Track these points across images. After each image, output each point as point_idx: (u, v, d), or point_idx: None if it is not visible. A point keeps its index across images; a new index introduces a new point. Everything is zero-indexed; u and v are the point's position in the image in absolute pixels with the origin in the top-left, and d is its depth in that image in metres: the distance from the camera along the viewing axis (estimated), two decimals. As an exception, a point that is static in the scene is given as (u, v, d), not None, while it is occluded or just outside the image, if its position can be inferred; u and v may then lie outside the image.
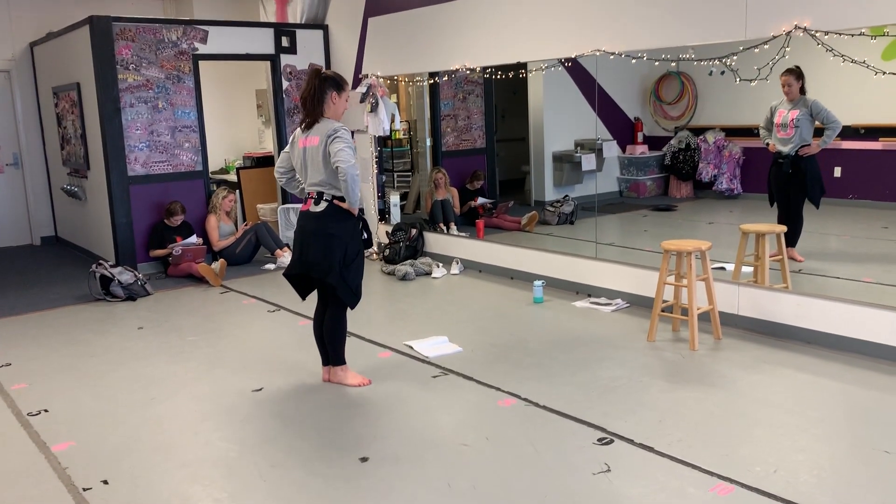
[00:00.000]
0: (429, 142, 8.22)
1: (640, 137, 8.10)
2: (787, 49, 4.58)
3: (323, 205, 4.00)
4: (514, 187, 8.84)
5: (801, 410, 3.67)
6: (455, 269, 6.98)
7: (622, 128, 8.08)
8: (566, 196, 7.91)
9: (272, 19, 9.13)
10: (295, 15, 8.73)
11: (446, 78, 7.64)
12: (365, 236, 4.15)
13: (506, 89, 8.27)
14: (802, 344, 4.61)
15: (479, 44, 6.65)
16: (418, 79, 7.74)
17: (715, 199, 7.41)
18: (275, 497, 3.08)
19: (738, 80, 5.01)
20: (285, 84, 8.33)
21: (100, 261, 6.77)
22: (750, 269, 5.16)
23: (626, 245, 6.64)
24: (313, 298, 4.36)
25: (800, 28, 4.47)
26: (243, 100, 10.39)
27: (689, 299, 4.60)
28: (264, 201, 9.06)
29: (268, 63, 8.32)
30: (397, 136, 8.82)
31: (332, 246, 3.97)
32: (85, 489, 3.21)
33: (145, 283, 6.63)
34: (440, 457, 3.35)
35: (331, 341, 4.21)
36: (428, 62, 7.25)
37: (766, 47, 4.69)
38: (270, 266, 7.51)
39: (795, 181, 5.58)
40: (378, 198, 8.11)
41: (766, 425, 3.53)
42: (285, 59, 8.29)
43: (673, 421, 3.61)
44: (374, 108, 7.42)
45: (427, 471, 3.23)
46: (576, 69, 6.52)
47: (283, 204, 8.49)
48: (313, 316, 4.32)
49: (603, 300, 5.73)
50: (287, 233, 8.12)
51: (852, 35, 4.39)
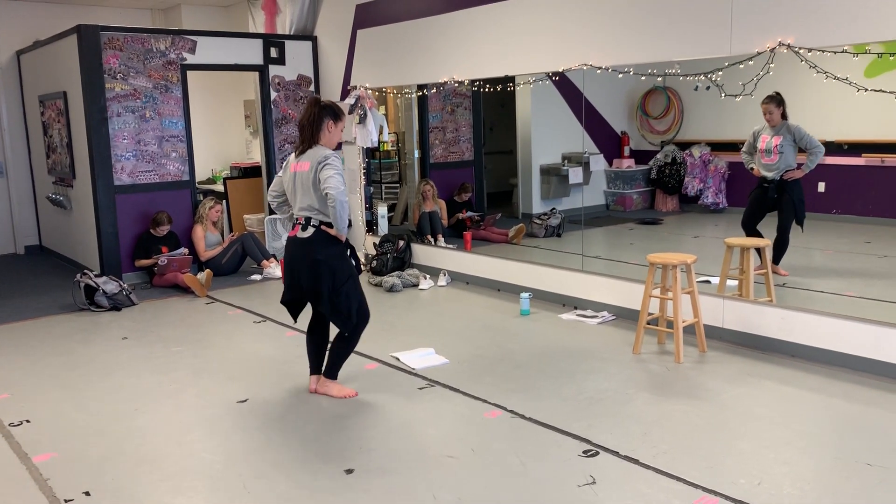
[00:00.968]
0: (417, 154, 8.24)
1: (626, 151, 8.15)
2: (772, 65, 4.64)
3: (310, 230, 4.00)
4: (502, 200, 8.87)
5: (785, 423, 3.70)
6: (442, 280, 6.99)
7: (609, 141, 8.14)
8: (553, 209, 7.95)
9: (261, 30, 9.14)
10: (284, 26, 8.75)
11: (434, 90, 7.67)
12: (353, 263, 4.15)
13: (494, 102, 8.31)
14: (786, 357, 4.64)
15: (468, 57, 6.69)
16: (407, 91, 7.77)
17: (700, 212, 7.47)
18: (259, 509, 3.06)
19: (723, 95, 5.07)
20: (273, 95, 8.33)
21: (84, 270, 6.72)
22: (735, 283, 5.19)
23: (612, 258, 6.67)
24: (307, 312, 4.35)
25: (784, 45, 4.53)
26: (231, 110, 10.38)
27: (675, 312, 4.63)
28: (251, 212, 9.04)
29: (256, 74, 8.33)
30: (385, 148, 8.83)
31: (320, 272, 3.97)
32: (67, 501, 3.18)
33: (130, 293, 6.59)
34: (426, 469, 3.34)
35: (334, 358, 4.22)
36: (416, 74, 7.28)
37: (750, 63, 4.75)
38: (257, 277, 7.49)
39: (782, 205, 5.62)
40: (366, 209, 8.11)
41: (750, 438, 3.55)
42: (274, 69, 8.30)
43: (658, 433, 3.62)
44: (362, 120, 7.44)
45: (412, 483, 3.22)
46: (563, 83, 6.57)
47: (270, 214, 8.47)
48: (307, 330, 4.31)
49: (589, 313, 5.75)
50: (274, 243, 8.07)
51: (835, 52, 4.46)
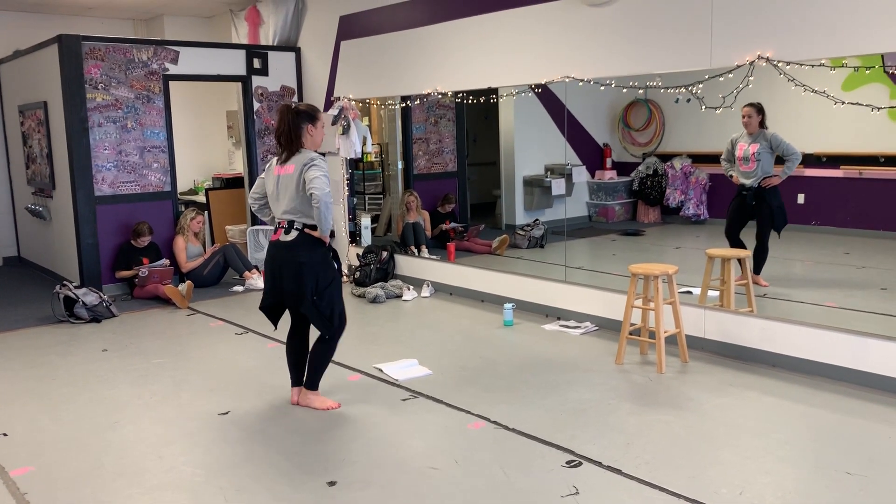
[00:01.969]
0: (400, 165, 8.25)
1: (608, 163, 8.21)
2: (751, 78, 4.70)
3: (293, 234, 3.99)
4: (485, 211, 8.89)
5: (767, 433, 3.72)
6: (426, 291, 6.98)
7: (591, 153, 8.19)
8: (536, 220, 7.98)
9: (244, 41, 9.13)
10: (267, 37, 8.74)
11: (418, 102, 7.69)
12: (336, 266, 4.14)
13: (477, 114, 8.35)
14: (768, 367, 4.67)
15: (451, 68, 6.72)
16: (390, 102, 7.79)
17: (682, 224, 7.53)
18: (240, 522, 3.03)
19: (703, 107, 5.12)
20: (256, 105, 8.31)
21: (64, 282, 6.65)
22: (716, 294, 5.23)
23: (595, 269, 6.70)
24: (286, 321, 4.33)
25: (763, 58, 4.59)
26: (214, 121, 10.34)
27: (657, 323, 4.65)
28: (233, 223, 9.00)
29: (239, 84, 8.31)
30: (369, 159, 8.84)
31: (304, 275, 3.96)
32: (44, 515, 3.13)
33: (110, 304, 6.52)
34: (409, 480, 3.33)
35: (313, 365, 4.19)
36: (400, 86, 7.30)
37: (730, 76, 4.81)
38: (239, 288, 7.44)
39: (760, 212, 5.68)
40: (349, 220, 8.10)
41: (732, 448, 3.56)
42: (257, 80, 8.29)
43: (640, 443, 3.63)
44: (345, 131, 7.44)
45: (395, 495, 3.20)
46: (546, 95, 6.62)
47: (253, 225, 8.44)
48: (286, 338, 4.29)
49: (572, 323, 5.76)
50: (256, 254, 8.06)
51: (813, 66, 4.52)
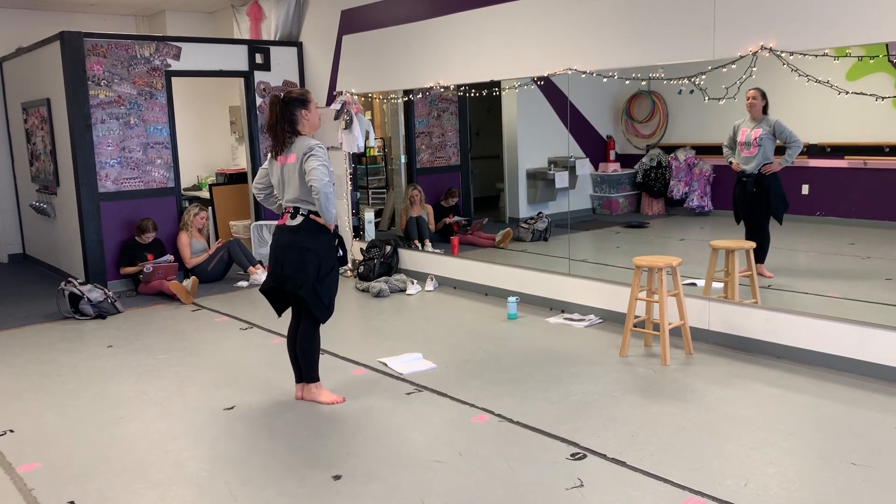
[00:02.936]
0: (403, 159, 8.25)
1: (612, 155, 8.20)
2: (754, 69, 4.68)
3: (299, 219, 4.00)
4: (489, 204, 8.89)
5: (771, 424, 3.72)
6: (430, 285, 6.99)
7: (595, 146, 8.18)
8: (540, 213, 7.97)
9: (246, 36, 9.13)
10: (269, 32, 8.73)
11: (421, 95, 7.68)
12: (340, 254, 4.15)
13: (480, 107, 8.33)
14: (772, 358, 4.67)
15: (453, 62, 6.70)
16: (393, 96, 7.78)
17: (686, 215, 7.51)
18: (246, 516, 3.05)
19: (706, 98, 5.10)
20: (259, 101, 8.31)
21: (69, 278, 6.67)
22: (720, 285, 5.22)
23: (598, 261, 6.69)
24: (287, 315, 4.34)
25: (766, 48, 4.57)
26: (216, 116, 10.35)
27: (661, 315, 4.65)
28: (237, 218, 9.01)
29: (241, 80, 8.31)
30: (372, 154, 8.84)
31: (307, 259, 3.97)
32: (51, 511, 3.15)
33: (115, 300, 6.54)
34: (413, 474, 3.34)
35: (304, 358, 4.19)
36: (402, 80, 7.29)
37: (733, 67, 4.79)
38: (243, 283, 7.45)
39: (759, 199, 5.67)
40: (353, 215, 8.10)
41: (736, 439, 3.56)
42: (259, 75, 8.29)
43: (645, 435, 3.63)
44: (348, 126, 7.43)
45: (400, 488, 3.21)
46: (549, 88, 6.60)
47: (256, 221, 8.45)
48: (287, 332, 4.30)
49: (576, 316, 5.76)
50: (260, 250, 8.07)
51: (816, 56, 4.50)
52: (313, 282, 3.99)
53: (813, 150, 6.08)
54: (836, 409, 3.90)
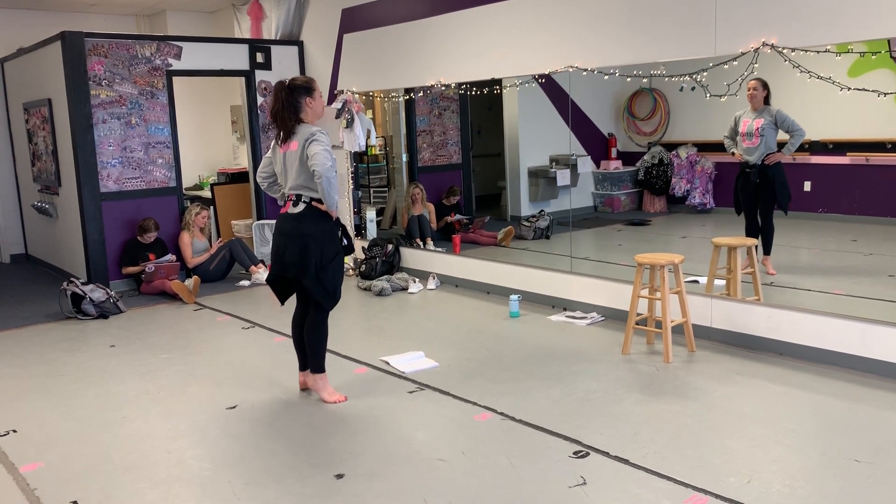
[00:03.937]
0: (405, 157, 8.24)
1: (613, 153, 8.17)
2: (756, 65, 4.67)
3: (301, 206, 4.00)
4: (490, 202, 8.88)
5: (774, 421, 3.71)
6: (431, 284, 6.98)
7: (596, 143, 8.15)
8: (541, 211, 7.96)
9: (247, 35, 9.13)
10: (270, 31, 8.73)
11: (421, 94, 7.67)
12: (345, 242, 4.14)
13: (481, 105, 8.32)
14: (774, 355, 4.66)
15: (454, 60, 6.70)
16: (394, 94, 7.77)
17: (688, 213, 7.49)
18: (249, 515, 3.05)
19: (708, 95, 5.09)
20: (260, 100, 8.31)
21: (71, 278, 6.67)
22: (722, 282, 5.21)
23: (600, 259, 6.69)
24: (290, 310, 4.34)
25: (767, 45, 4.56)
26: (218, 116, 10.35)
27: (663, 312, 4.64)
28: (239, 217, 9.01)
29: (242, 79, 8.31)
30: (373, 152, 8.83)
31: (309, 247, 3.97)
32: (54, 510, 3.15)
33: (117, 300, 6.55)
34: (416, 472, 3.33)
35: (311, 347, 4.19)
36: (403, 78, 7.29)
37: (735, 63, 4.78)
38: (245, 283, 7.45)
39: (764, 189, 5.65)
40: (354, 213, 8.10)
41: (739, 436, 3.56)
42: (260, 74, 8.29)
43: (648, 433, 3.63)
44: (349, 124, 7.43)
45: (403, 487, 3.21)
46: (550, 85, 6.59)
47: (258, 220, 8.45)
48: (292, 319, 4.30)
49: (578, 314, 5.75)
50: (262, 249, 8.07)
51: (818, 52, 4.49)
52: (316, 269, 3.99)
53: (815, 147, 6.07)
54: (838, 406, 3.89)
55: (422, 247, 7.59)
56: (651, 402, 4.03)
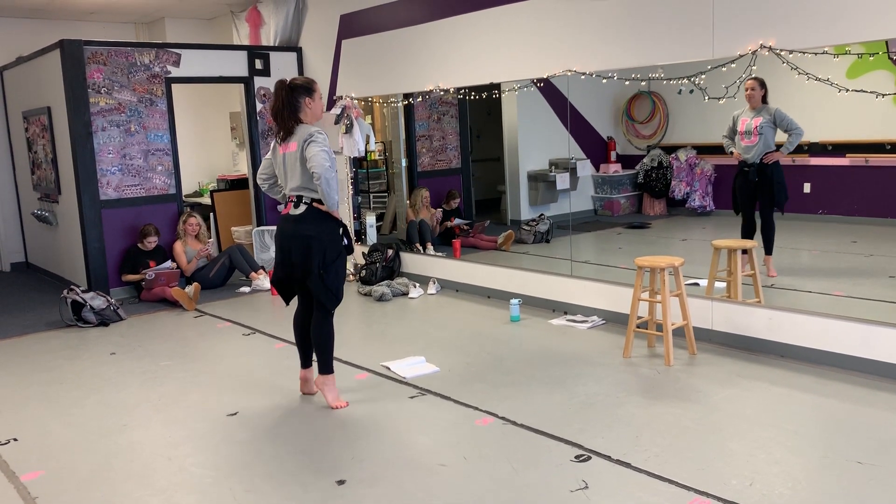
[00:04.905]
0: (404, 162, 8.25)
1: (613, 156, 8.18)
2: (754, 68, 4.68)
3: (302, 207, 4.01)
4: (490, 207, 8.88)
5: (776, 423, 3.70)
6: (432, 289, 6.98)
7: (595, 147, 8.16)
8: (541, 215, 7.96)
9: (245, 42, 9.14)
10: (268, 37, 8.75)
11: (420, 99, 7.68)
12: (346, 242, 4.15)
13: (480, 110, 8.33)
14: (776, 357, 4.65)
15: (453, 65, 6.71)
16: (393, 100, 7.78)
17: (688, 216, 7.49)
18: (250, 522, 3.04)
19: (706, 98, 5.10)
20: (259, 106, 8.32)
21: (71, 286, 6.68)
22: (723, 285, 5.21)
23: (601, 262, 6.68)
24: (292, 304, 4.35)
25: (765, 47, 4.57)
26: (217, 122, 10.36)
27: (664, 315, 4.64)
28: (239, 224, 9.01)
29: (241, 85, 8.32)
30: (373, 158, 8.83)
31: (311, 248, 3.98)
32: (55, 519, 3.14)
33: (118, 308, 6.55)
34: (417, 478, 3.33)
35: (318, 348, 4.19)
36: (402, 83, 7.29)
37: (733, 66, 4.79)
38: (245, 289, 7.45)
39: (762, 188, 5.65)
40: (354, 219, 8.10)
41: (741, 439, 3.55)
42: (259, 81, 8.30)
43: (649, 436, 3.62)
44: (349, 130, 7.43)
45: (404, 492, 3.20)
46: (548, 89, 6.59)
47: (258, 226, 8.45)
48: (294, 318, 4.32)
49: (579, 317, 5.75)
50: (262, 255, 8.07)
51: (816, 54, 4.50)
52: (319, 269, 4.00)
53: (814, 149, 6.07)
54: (840, 407, 3.88)
55: (422, 251, 7.59)
56: (652, 405, 4.02)
